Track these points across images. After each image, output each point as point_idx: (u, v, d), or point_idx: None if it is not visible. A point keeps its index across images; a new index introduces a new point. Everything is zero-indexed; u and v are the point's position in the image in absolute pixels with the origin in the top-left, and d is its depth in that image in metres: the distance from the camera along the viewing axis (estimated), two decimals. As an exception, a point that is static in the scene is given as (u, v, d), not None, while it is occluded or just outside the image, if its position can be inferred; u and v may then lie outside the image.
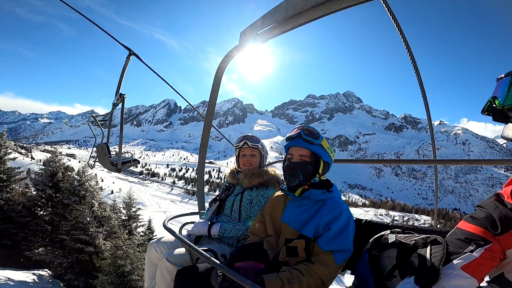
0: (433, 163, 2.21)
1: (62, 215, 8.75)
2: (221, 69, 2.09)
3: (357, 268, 1.35)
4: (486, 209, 0.99)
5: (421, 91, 2.24)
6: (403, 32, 2.09)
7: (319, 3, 1.34)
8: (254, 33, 1.68)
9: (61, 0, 2.46)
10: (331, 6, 1.32)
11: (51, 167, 9.50)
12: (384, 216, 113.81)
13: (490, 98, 0.95)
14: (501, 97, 0.90)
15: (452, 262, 0.95)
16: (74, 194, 8.94)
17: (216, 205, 2.10)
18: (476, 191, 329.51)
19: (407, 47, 2.14)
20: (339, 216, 1.38)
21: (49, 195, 9.24)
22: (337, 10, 1.36)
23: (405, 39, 2.08)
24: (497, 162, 2.05)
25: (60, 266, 7.24)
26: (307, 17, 1.43)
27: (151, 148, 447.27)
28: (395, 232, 1.32)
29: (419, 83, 2.20)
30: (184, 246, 1.66)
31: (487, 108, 0.95)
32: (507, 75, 0.93)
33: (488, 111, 0.95)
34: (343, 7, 1.32)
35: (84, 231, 7.50)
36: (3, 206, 8.61)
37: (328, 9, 1.34)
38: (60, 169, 9.64)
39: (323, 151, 1.46)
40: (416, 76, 2.15)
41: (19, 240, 8.55)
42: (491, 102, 0.94)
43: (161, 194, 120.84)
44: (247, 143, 2.10)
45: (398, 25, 2.03)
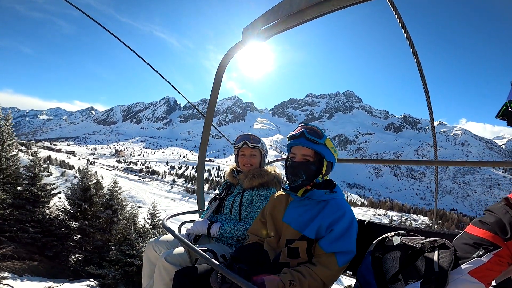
0: (434, 164, 2.19)
1: (98, 228, 9.84)
2: (222, 67, 2.05)
3: (360, 271, 1.33)
4: (496, 213, 0.97)
5: (424, 93, 2.21)
6: (408, 32, 2.06)
7: (324, 0, 1.31)
8: (257, 29, 1.65)
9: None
10: (336, 3, 1.29)
11: (83, 183, 10.44)
12: (383, 216, 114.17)
13: (506, 102, 0.94)
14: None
15: (460, 267, 0.94)
16: (107, 208, 10.04)
17: (216, 204, 2.07)
18: (474, 192, 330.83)
19: (412, 47, 2.10)
20: (342, 217, 1.36)
21: (84, 209, 10.10)
22: (343, 7, 1.33)
23: (410, 38, 2.04)
24: (498, 164, 2.03)
25: (109, 277, 7.66)
26: (312, 14, 1.40)
27: (151, 145, 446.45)
28: (400, 234, 1.30)
29: (423, 84, 2.18)
30: (183, 246, 1.63)
31: (503, 112, 0.94)
32: None
33: (504, 115, 0.94)
34: (349, 4, 1.29)
35: (132, 247, 8.02)
36: (42, 220, 9.47)
37: (333, 6, 1.31)
38: (93, 185, 10.63)
39: (326, 151, 1.43)
40: (421, 78, 2.12)
41: (59, 251, 9.34)
42: (507, 106, 0.93)
43: (161, 192, 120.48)
44: (247, 143, 2.06)
45: (403, 24, 1.99)
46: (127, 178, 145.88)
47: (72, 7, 2.59)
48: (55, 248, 9.21)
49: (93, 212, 10.11)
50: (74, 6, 2.58)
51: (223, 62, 2.01)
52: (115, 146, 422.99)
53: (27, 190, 9.36)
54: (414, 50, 2.06)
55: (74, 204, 10.07)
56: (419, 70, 2.11)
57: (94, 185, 10.55)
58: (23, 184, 9.49)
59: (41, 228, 9.25)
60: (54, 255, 9.14)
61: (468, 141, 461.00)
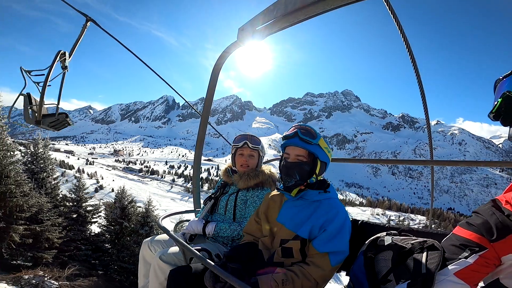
0: (429, 164, 2.20)
1: (137, 242, 10.65)
2: (218, 66, 2.05)
3: (352, 270, 1.33)
4: (483, 215, 0.98)
5: (420, 93, 2.22)
6: (404, 32, 2.06)
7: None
8: (252, 29, 1.64)
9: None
10: (332, 2, 1.28)
11: (121, 202, 11.42)
12: (381, 216, 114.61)
13: (497, 100, 0.92)
14: None
15: (447, 268, 0.95)
16: (145, 225, 10.99)
17: (211, 203, 2.07)
18: (471, 191, 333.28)
19: (408, 47, 2.11)
20: (335, 217, 1.36)
21: (125, 226, 10.90)
22: (338, 6, 1.33)
23: (406, 38, 2.05)
24: (494, 164, 2.05)
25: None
26: (307, 14, 1.40)
27: (149, 144, 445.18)
28: (391, 234, 1.31)
29: (419, 84, 2.18)
30: (178, 245, 1.63)
31: (496, 111, 0.93)
32: (505, 76, 0.92)
33: (496, 114, 0.93)
34: (344, 3, 1.29)
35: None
36: (89, 237, 10.66)
37: (328, 5, 1.31)
38: (130, 204, 11.64)
39: (320, 151, 1.42)
40: (416, 78, 2.12)
41: (106, 265, 10.31)
42: (508, 93, 0.90)
43: (161, 192, 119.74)
44: (247, 143, 2.03)
45: (399, 24, 2.00)
46: (127, 178, 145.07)
47: (70, 6, 2.56)
48: (103, 263, 10.22)
49: (132, 228, 11.02)
50: (69, 5, 2.55)
51: (219, 61, 2.01)
52: (113, 145, 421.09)
53: (75, 212, 10.60)
54: (410, 49, 2.06)
55: (115, 222, 11.05)
56: (414, 69, 2.12)
57: (131, 204, 11.59)
58: (72, 206, 10.67)
59: (90, 245, 10.48)
60: (105, 270, 10.09)
61: (465, 141, 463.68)
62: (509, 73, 0.92)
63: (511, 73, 0.92)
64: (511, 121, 0.92)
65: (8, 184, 7.27)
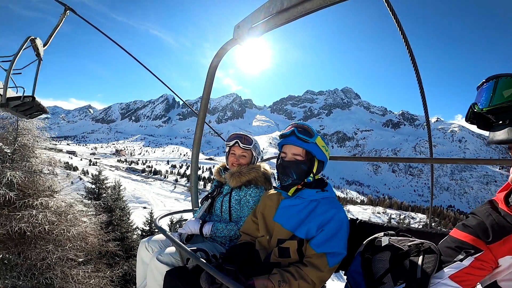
0: (429, 161, 2.18)
1: None
2: (214, 64, 2.02)
3: (350, 271, 1.31)
4: (479, 216, 0.96)
5: (419, 91, 2.19)
6: (403, 29, 2.03)
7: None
8: (248, 26, 1.62)
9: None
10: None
11: None
12: (382, 214, 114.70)
13: (471, 105, 0.92)
14: (481, 103, 0.88)
15: (442, 271, 0.94)
16: None
17: (208, 203, 2.06)
18: (471, 189, 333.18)
19: (407, 44, 2.07)
20: (333, 218, 1.34)
21: None
22: (335, 3, 1.30)
23: (405, 35, 2.02)
24: (494, 161, 2.02)
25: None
26: (304, 10, 1.37)
27: (150, 144, 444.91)
28: (389, 234, 1.29)
29: (418, 82, 2.15)
30: (174, 245, 1.62)
31: (470, 116, 0.92)
32: (487, 80, 0.90)
33: (471, 118, 0.92)
34: (339, 0, 1.26)
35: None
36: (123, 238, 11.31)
37: (325, 2, 1.28)
38: None
39: (317, 150, 1.40)
40: (416, 75, 2.09)
41: None
42: (472, 108, 0.91)
43: (165, 193, 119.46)
44: (238, 143, 2.01)
45: (398, 21, 1.97)
46: (130, 178, 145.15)
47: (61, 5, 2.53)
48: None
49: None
50: (63, 4, 2.52)
51: (215, 59, 1.98)
52: (114, 144, 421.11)
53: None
54: (409, 46, 2.03)
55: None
56: (413, 66, 2.09)
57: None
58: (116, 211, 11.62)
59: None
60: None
61: (465, 138, 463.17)
62: (483, 82, 0.89)
63: (482, 83, 0.89)
64: (484, 126, 0.91)
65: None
